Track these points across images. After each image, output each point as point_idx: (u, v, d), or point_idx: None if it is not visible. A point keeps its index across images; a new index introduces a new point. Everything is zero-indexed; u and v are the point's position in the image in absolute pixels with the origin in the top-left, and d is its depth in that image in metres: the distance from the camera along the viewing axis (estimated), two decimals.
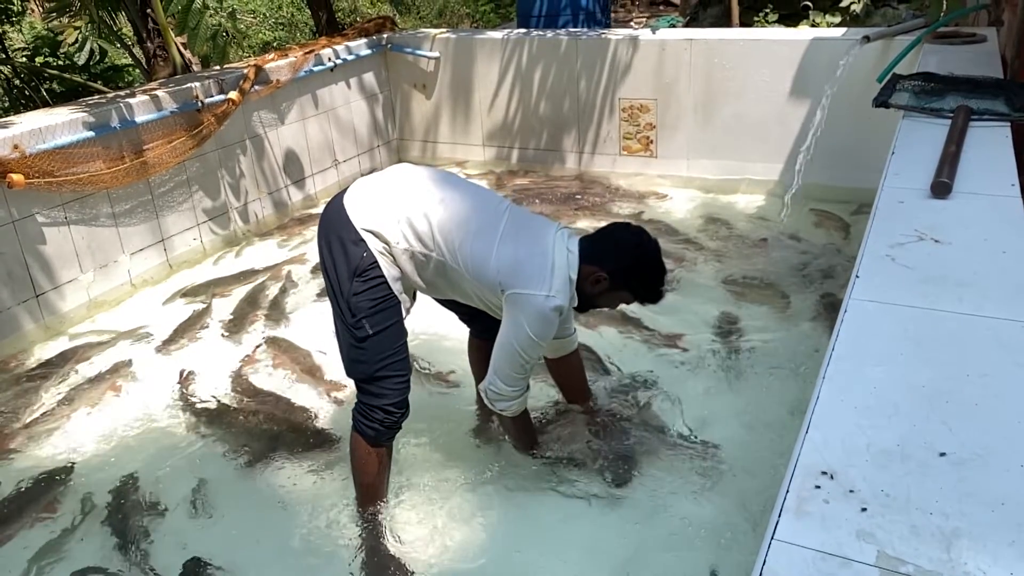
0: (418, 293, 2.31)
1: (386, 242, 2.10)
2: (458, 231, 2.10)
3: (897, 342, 1.47)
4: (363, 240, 2.10)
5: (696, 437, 2.62)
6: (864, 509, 1.08)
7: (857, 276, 1.71)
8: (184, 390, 3.10)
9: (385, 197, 2.14)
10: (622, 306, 2.35)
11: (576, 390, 2.71)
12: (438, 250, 2.10)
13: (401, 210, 2.11)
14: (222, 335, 3.50)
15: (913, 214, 1.99)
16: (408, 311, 2.25)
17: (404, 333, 2.23)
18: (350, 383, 2.38)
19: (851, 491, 1.12)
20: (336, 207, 2.16)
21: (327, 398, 2.99)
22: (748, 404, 2.79)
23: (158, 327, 3.58)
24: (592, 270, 2.14)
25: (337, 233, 2.13)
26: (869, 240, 1.88)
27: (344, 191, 2.20)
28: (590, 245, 2.17)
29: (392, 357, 2.18)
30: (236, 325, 3.56)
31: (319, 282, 3.78)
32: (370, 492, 2.34)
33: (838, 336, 1.50)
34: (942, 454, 1.18)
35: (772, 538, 1.05)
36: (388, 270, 2.13)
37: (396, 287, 2.15)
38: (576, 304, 2.22)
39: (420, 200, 2.12)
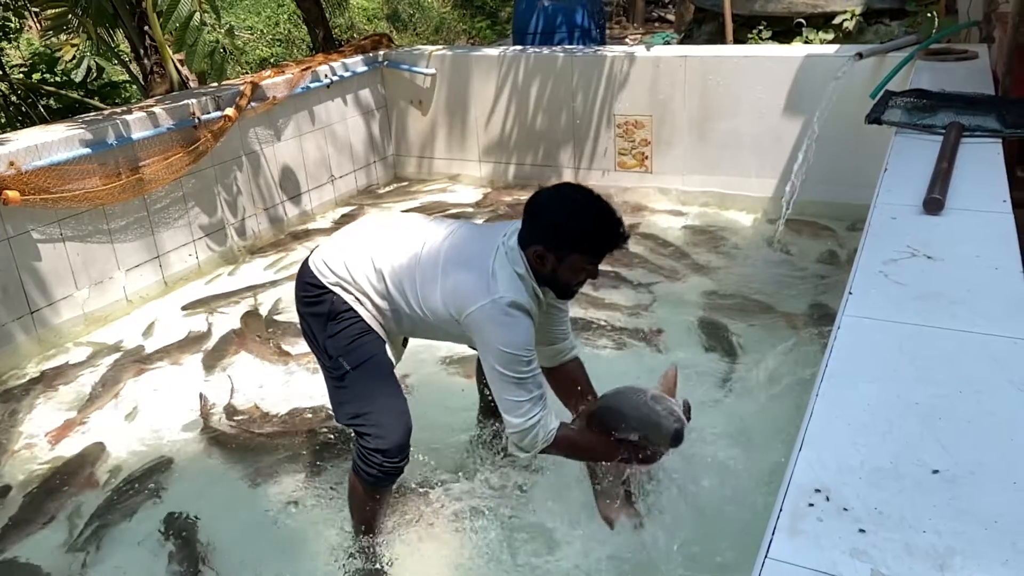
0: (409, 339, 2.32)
1: (354, 296, 2.12)
2: (408, 281, 2.08)
3: (890, 359, 1.47)
4: (333, 292, 2.12)
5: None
6: (859, 528, 1.08)
7: (850, 293, 1.72)
8: (180, 406, 3.09)
9: (346, 256, 2.14)
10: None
11: (580, 399, 2.44)
12: (399, 303, 2.10)
13: (360, 271, 2.11)
14: (220, 351, 3.48)
15: (906, 230, 2.00)
16: (397, 356, 2.24)
17: (388, 366, 2.17)
18: None
19: (845, 509, 1.12)
20: (305, 270, 2.19)
21: (323, 410, 2.98)
22: (738, 419, 2.78)
23: (153, 343, 3.58)
24: (533, 251, 1.98)
25: (308, 292, 2.16)
26: (862, 257, 1.89)
27: (311, 253, 2.24)
28: (522, 229, 2.03)
29: (377, 391, 2.12)
30: (234, 341, 3.54)
31: None
32: (368, 526, 2.30)
33: (831, 353, 1.50)
34: (935, 471, 1.18)
35: (766, 557, 1.05)
36: (363, 311, 2.12)
37: (375, 325, 2.14)
38: (555, 295, 2.10)
39: (375, 257, 2.12)
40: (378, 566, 2.26)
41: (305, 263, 2.20)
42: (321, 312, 2.13)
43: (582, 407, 2.34)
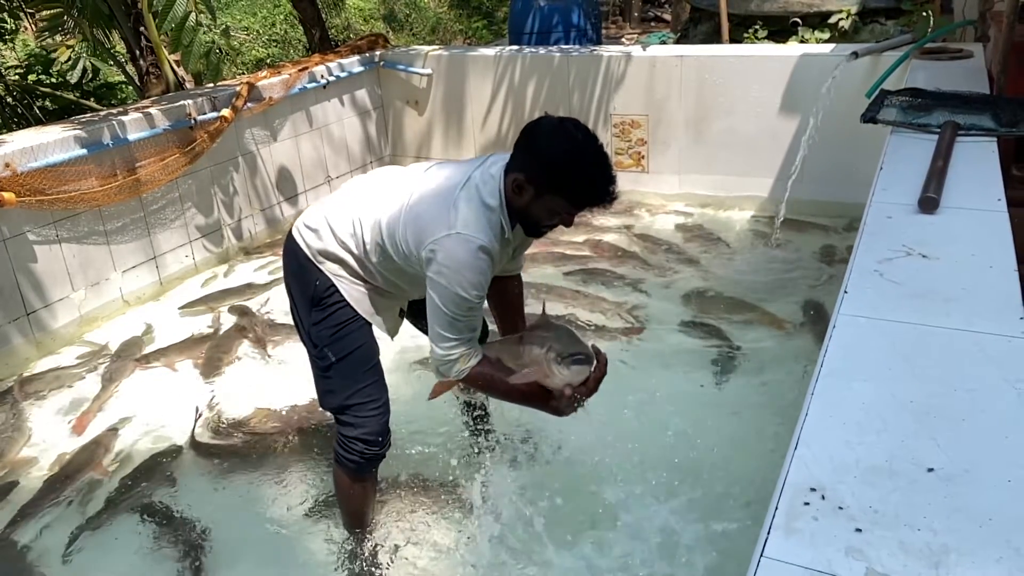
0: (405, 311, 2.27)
1: (339, 261, 2.04)
2: (383, 223, 1.97)
3: (885, 357, 1.47)
4: (316, 266, 2.05)
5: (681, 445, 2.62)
6: (854, 527, 1.09)
7: (846, 291, 1.72)
8: (177, 406, 3.09)
9: (326, 212, 2.07)
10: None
11: (511, 319, 2.37)
12: (372, 252, 2.00)
13: (341, 224, 2.03)
14: (216, 351, 3.48)
15: (901, 229, 2.01)
16: (392, 330, 2.20)
17: (373, 355, 2.14)
18: None
19: (840, 508, 1.12)
20: (289, 239, 2.13)
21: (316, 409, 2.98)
22: (730, 416, 2.79)
23: (151, 344, 3.58)
24: (513, 179, 1.84)
25: (293, 264, 2.11)
26: (857, 255, 1.89)
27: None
28: (514, 153, 1.89)
29: (361, 383, 2.11)
30: (230, 341, 3.54)
31: None
32: (357, 518, 2.31)
33: (826, 352, 1.50)
34: (930, 470, 1.18)
35: (761, 555, 1.05)
36: (350, 292, 2.06)
37: (363, 308, 2.08)
38: (523, 230, 1.95)
39: (353, 206, 2.03)
40: (371, 558, 2.27)
41: (289, 232, 2.14)
42: (306, 294, 2.08)
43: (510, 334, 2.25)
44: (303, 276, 2.08)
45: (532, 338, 2.06)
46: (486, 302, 2.19)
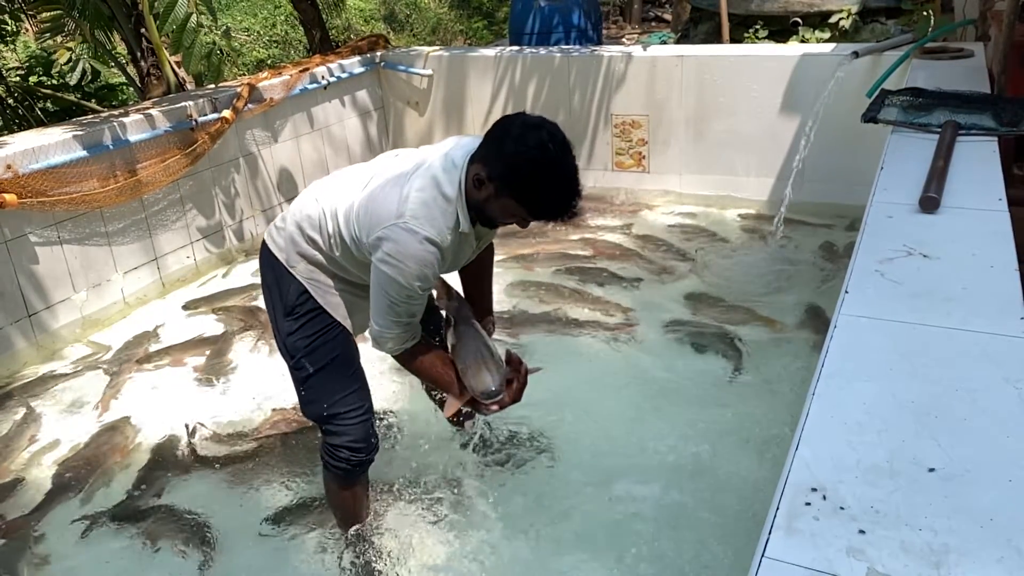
0: None
1: (310, 260, 2.01)
2: (339, 210, 1.93)
3: (886, 357, 1.47)
4: (288, 272, 2.03)
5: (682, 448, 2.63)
6: (855, 527, 1.09)
7: (846, 291, 1.72)
8: (177, 409, 3.09)
9: (295, 209, 2.05)
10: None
11: (477, 294, 2.32)
12: (334, 243, 1.96)
13: (308, 220, 2.00)
14: (217, 352, 3.49)
15: (902, 229, 2.01)
16: (364, 328, 2.14)
17: (353, 361, 2.13)
18: None
19: (841, 508, 1.12)
20: (263, 247, 2.11)
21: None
22: (729, 415, 2.79)
23: (152, 345, 3.58)
24: (475, 171, 1.78)
25: (267, 273, 2.09)
26: (858, 255, 1.89)
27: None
28: (482, 144, 1.82)
29: (342, 391, 2.09)
30: (231, 341, 3.55)
31: None
32: (350, 521, 2.31)
33: (827, 352, 1.51)
34: (931, 470, 1.18)
35: (763, 556, 1.05)
36: (324, 298, 2.04)
37: (339, 313, 2.06)
38: (479, 221, 1.88)
39: (320, 198, 2.00)
40: (366, 560, 2.27)
41: (263, 240, 2.12)
42: (280, 303, 2.05)
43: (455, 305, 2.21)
44: (278, 285, 2.06)
45: (463, 340, 2.07)
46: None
